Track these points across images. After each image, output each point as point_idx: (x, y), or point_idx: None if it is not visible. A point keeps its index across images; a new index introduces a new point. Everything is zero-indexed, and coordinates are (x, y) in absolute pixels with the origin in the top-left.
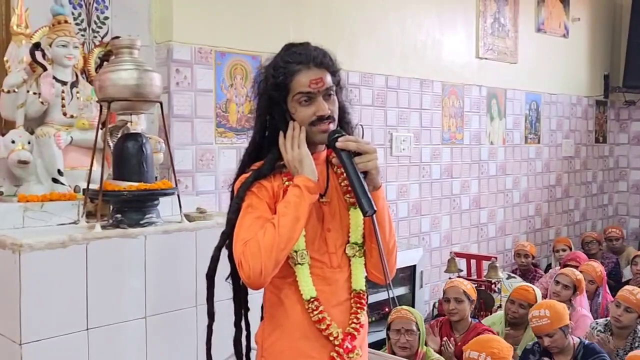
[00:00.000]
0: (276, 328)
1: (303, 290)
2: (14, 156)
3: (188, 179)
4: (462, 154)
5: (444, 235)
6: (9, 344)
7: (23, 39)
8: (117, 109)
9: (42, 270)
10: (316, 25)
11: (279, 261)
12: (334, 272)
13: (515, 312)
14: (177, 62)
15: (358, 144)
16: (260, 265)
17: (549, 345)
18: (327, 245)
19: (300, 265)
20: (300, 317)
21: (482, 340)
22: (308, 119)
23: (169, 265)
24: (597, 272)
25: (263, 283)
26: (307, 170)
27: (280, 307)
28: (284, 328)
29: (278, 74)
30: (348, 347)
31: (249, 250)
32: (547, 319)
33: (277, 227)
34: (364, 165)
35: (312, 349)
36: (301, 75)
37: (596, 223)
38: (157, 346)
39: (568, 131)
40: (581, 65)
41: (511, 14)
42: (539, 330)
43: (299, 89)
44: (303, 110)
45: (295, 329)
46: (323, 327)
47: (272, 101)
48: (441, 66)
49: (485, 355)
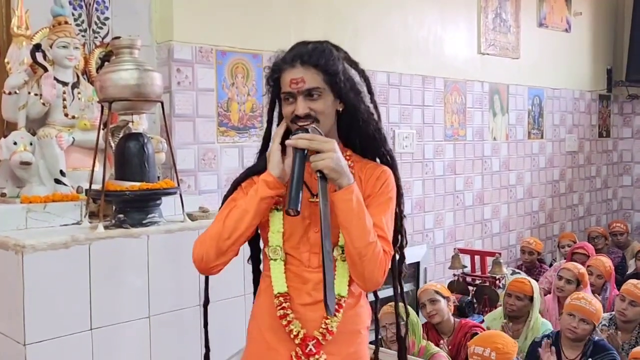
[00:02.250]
0: (253, 317)
1: (274, 284)
2: (16, 157)
3: (190, 178)
4: (465, 150)
5: (447, 232)
6: (13, 345)
7: (24, 41)
8: (118, 109)
9: (45, 271)
10: (318, 23)
11: (222, 250)
12: (311, 272)
13: (513, 305)
14: (178, 62)
15: (310, 142)
16: (202, 252)
17: (575, 327)
18: (309, 245)
19: (274, 261)
20: (270, 310)
21: (487, 335)
22: (289, 118)
23: (171, 264)
24: (606, 267)
25: (207, 269)
26: (271, 165)
27: (258, 298)
28: (256, 317)
29: (273, 71)
30: (311, 350)
31: (199, 238)
32: (595, 308)
33: (225, 218)
34: (315, 164)
35: (278, 341)
36: (285, 74)
37: (600, 218)
38: (161, 345)
39: (571, 126)
40: (584, 59)
41: (513, 9)
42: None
43: (283, 87)
44: (285, 108)
45: (264, 320)
46: (284, 323)
47: (271, 97)
48: (443, 62)
49: (490, 350)
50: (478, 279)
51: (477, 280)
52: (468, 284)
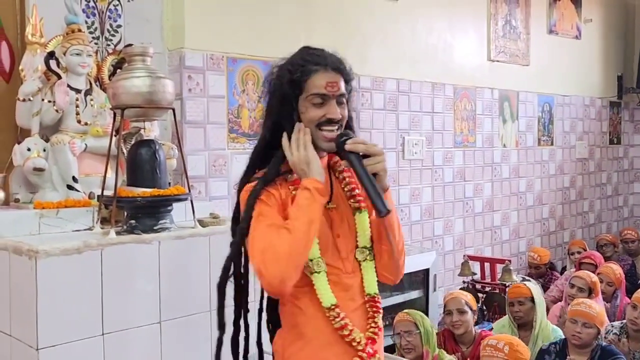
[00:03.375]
0: (298, 338)
1: (322, 298)
2: (29, 164)
3: (201, 184)
4: (474, 157)
5: (457, 239)
6: (26, 349)
7: (38, 48)
8: (130, 116)
9: (57, 276)
10: (327, 30)
11: (299, 265)
12: (349, 278)
13: (519, 311)
14: (189, 69)
15: (367, 146)
16: (281, 272)
17: (579, 332)
18: (339, 251)
19: (317, 274)
20: (321, 325)
21: (502, 335)
22: (316, 120)
23: (182, 270)
24: (617, 275)
25: (286, 290)
26: (315, 172)
27: (301, 316)
28: (305, 337)
29: (295, 71)
30: (370, 351)
31: (268, 259)
32: (595, 312)
33: (292, 232)
34: (373, 167)
35: (335, 356)
36: (318, 76)
37: (611, 225)
38: (172, 351)
39: (582, 133)
40: (594, 66)
41: (522, 16)
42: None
43: (314, 89)
44: (313, 111)
45: (317, 338)
46: (346, 333)
47: (283, 98)
48: (452, 69)
49: (504, 343)
50: (488, 286)
51: (486, 288)
52: (478, 291)
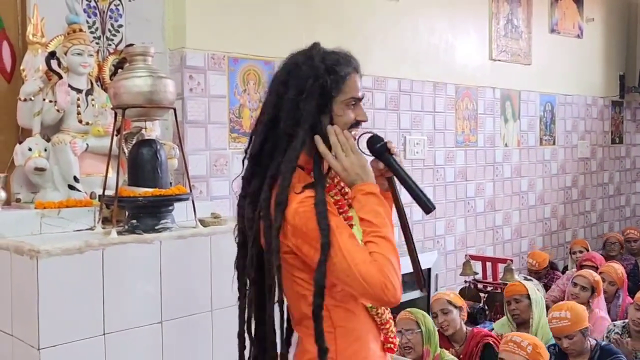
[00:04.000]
0: (355, 340)
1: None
2: (30, 163)
3: (202, 184)
4: (476, 157)
5: (459, 238)
6: (27, 349)
7: (39, 48)
8: (131, 115)
9: (59, 275)
10: (329, 30)
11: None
12: None
13: (516, 309)
14: (191, 69)
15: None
16: (399, 279)
17: (567, 347)
18: None
19: None
20: (369, 323)
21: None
22: (350, 123)
23: (184, 270)
24: (618, 274)
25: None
26: (371, 176)
27: (353, 318)
28: (361, 337)
29: (333, 72)
30: (391, 334)
31: (387, 270)
32: (567, 320)
33: (389, 240)
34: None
35: (379, 349)
36: (353, 79)
37: (613, 225)
38: (173, 351)
39: (584, 132)
40: (596, 65)
41: (524, 15)
42: (559, 331)
43: (352, 93)
44: (348, 114)
45: (367, 335)
46: (388, 327)
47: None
48: (454, 69)
49: (528, 343)
50: (489, 286)
51: (488, 287)
52: (479, 290)
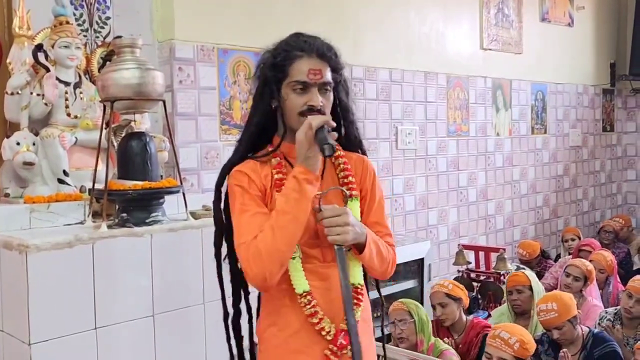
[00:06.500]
0: (271, 324)
1: (295, 284)
2: (19, 158)
3: (193, 176)
4: (468, 146)
5: (451, 228)
6: (18, 344)
7: (25, 41)
8: (120, 108)
9: (49, 270)
10: (320, 20)
11: (284, 263)
12: (327, 267)
13: (517, 300)
14: (180, 61)
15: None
16: (264, 270)
17: (558, 337)
18: (319, 239)
19: (292, 260)
20: (293, 313)
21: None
22: (298, 109)
23: (175, 263)
24: (608, 261)
25: (270, 286)
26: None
27: (276, 302)
28: (278, 324)
29: (277, 56)
30: (342, 343)
31: (251, 256)
32: (554, 312)
33: (276, 229)
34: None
35: (305, 345)
36: (301, 62)
37: (605, 212)
38: (166, 344)
39: (575, 121)
40: (587, 54)
41: (515, 4)
42: (548, 323)
43: (297, 76)
44: (295, 99)
45: (288, 325)
46: (315, 322)
47: (265, 83)
48: (445, 58)
49: (516, 340)
50: (482, 275)
51: (481, 276)
52: (472, 280)
